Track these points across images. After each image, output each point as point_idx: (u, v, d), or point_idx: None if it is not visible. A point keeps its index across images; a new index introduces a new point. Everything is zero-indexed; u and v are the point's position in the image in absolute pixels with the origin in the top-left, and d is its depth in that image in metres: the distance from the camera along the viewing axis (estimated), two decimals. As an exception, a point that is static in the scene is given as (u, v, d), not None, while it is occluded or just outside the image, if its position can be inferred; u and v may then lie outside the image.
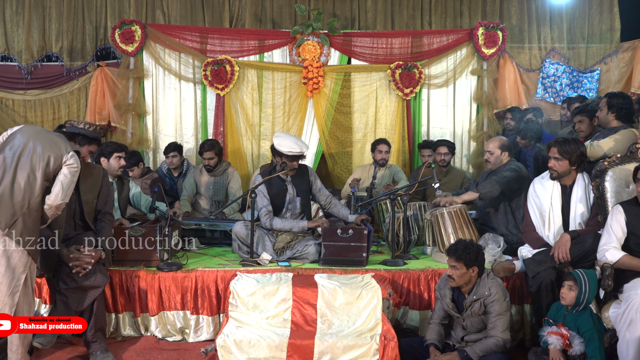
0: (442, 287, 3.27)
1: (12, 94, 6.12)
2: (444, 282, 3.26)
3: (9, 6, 6.18)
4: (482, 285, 3.13)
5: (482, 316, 3.14)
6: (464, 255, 3.07)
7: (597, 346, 2.95)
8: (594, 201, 3.52)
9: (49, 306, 3.65)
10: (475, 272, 3.12)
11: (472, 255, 3.09)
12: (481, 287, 3.13)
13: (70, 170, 2.96)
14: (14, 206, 2.81)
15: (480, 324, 3.15)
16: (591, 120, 4.27)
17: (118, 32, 5.82)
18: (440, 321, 3.27)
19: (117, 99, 5.91)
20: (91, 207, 3.48)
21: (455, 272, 3.10)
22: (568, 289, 3.09)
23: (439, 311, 3.29)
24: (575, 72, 6.30)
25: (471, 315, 3.14)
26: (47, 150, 2.93)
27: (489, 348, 3.03)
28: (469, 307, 3.13)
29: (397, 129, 6.12)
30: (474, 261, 3.10)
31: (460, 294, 3.20)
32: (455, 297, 3.23)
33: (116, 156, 4.17)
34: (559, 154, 3.52)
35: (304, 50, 5.92)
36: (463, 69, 6.15)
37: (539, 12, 6.41)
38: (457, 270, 3.09)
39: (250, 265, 3.72)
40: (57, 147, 2.97)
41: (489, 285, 3.12)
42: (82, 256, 3.20)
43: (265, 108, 6.04)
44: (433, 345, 3.16)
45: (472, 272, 3.11)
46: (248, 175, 5.88)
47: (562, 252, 3.38)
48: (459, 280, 3.11)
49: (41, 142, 2.95)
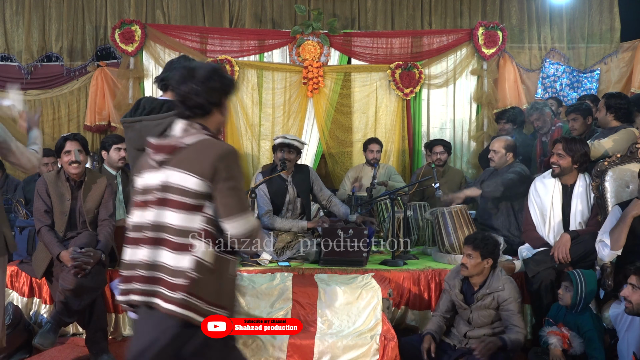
0: (452, 277, 3.29)
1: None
2: (454, 272, 3.29)
3: (9, 6, 6.18)
4: (496, 279, 3.15)
5: (491, 310, 3.15)
6: (481, 245, 3.10)
7: (597, 346, 2.96)
8: (594, 201, 3.52)
9: (49, 306, 3.65)
10: (489, 264, 3.15)
11: (490, 247, 3.12)
12: (495, 281, 3.14)
13: None
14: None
15: (487, 318, 3.15)
16: (585, 119, 4.28)
17: (118, 32, 5.81)
18: (443, 314, 3.29)
19: (117, 99, 5.91)
20: (92, 216, 3.51)
21: (470, 261, 3.12)
22: (564, 290, 3.09)
23: (444, 303, 3.31)
24: (575, 72, 6.30)
25: (480, 308, 3.15)
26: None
27: (518, 340, 3.06)
28: (480, 299, 3.14)
29: (397, 129, 6.12)
30: (490, 253, 3.12)
31: (470, 286, 3.21)
32: (464, 289, 3.24)
33: (115, 148, 4.16)
34: (563, 150, 3.53)
35: (304, 50, 5.92)
36: (463, 69, 6.15)
37: (539, 12, 6.41)
38: (471, 259, 3.11)
39: (250, 265, 3.72)
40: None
41: (503, 281, 3.15)
42: (81, 257, 3.19)
43: (265, 108, 6.04)
44: (430, 334, 3.18)
45: (487, 263, 3.14)
46: (248, 175, 5.88)
47: (562, 252, 3.38)
48: (472, 270, 3.13)
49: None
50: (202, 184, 1.80)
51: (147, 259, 1.83)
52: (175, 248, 1.81)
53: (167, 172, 1.84)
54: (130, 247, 1.90)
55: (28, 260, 3.67)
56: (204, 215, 1.83)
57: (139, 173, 1.95)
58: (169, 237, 1.82)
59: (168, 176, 1.84)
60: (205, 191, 1.81)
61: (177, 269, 1.79)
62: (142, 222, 1.88)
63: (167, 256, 1.81)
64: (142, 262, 1.84)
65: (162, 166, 1.86)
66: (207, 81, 1.89)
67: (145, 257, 1.84)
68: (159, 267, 1.82)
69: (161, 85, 2.77)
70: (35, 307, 3.72)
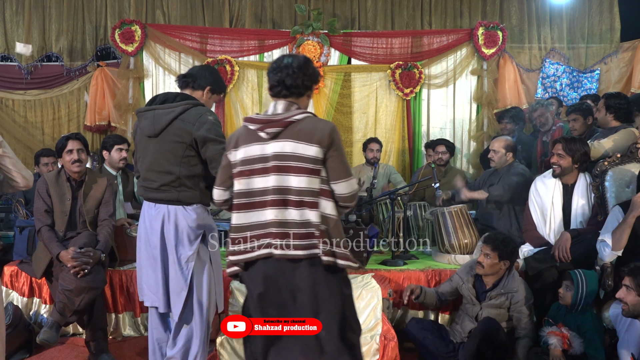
0: (465, 272, 3.32)
1: (12, 94, 6.11)
2: (468, 267, 3.32)
3: (9, 6, 6.17)
4: (511, 281, 3.18)
5: (502, 310, 3.17)
6: (501, 246, 3.12)
7: (597, 346, 2.96)
8: (595, 201, 3.52)
9: (49, 306, 3.65)
10: (505, 266, 3.17)
11: (509, 249, 3.14)
12: (510, 282, 3.17)
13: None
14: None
15: (496, 317, 3.16)
16: (585, 119, 4.28)
17: (118, 32, 5.82)
18: (440, 293, 3.36)
19: (117, 99, 5.91)
20: (92, 216, 3.51)
21: (487, 261, 3.14)
22: (565, 289, 3.10)
23: (445, 288, 3.37)
24: (575, 72, 6.30)
25: (491, 307, 3.16)
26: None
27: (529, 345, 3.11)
28: (493, 298, 3.16)
29: (397, 129, 6.12)
30: (509, 255, 3.15)
31: (482, 283, 3.23)
32: (476, 285, 3.26)
33: (117, 148, 4.17)
34: (563, 150, 3.54)
35: (304, 50, 5.92)
36: (463, 69, 6.15)
37: (539, 12, 6.41)
38: (489, 259, 3.14)
39: (251, 265, 3.71)
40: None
41: (518, 283, 3.18)
42: (81, 257, 3.20)
43: (266, 108, 6.01)
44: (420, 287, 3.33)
45: (503, 265, 3.16)
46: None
47: (562, 250, 3.39)
48: (487, 270, 3.16)
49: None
50: (320, 151, 2.10)
51: (280, 218, 2.10)
52: (301, 206, 2.09)
53: (281, 143, 2.11)
54: (243, 212, 2.15)
55: (28, 260, 3.67)
56: (322, 177, 2.13)
57: (236, 147, 2.18)
58: (295, 198, 2.09)
59: (283, 146, 2.11)
60: (322, 157, 2.11)
61: (306, 222, 2.09)
62: (259, 188, 2.13)
63: (295, 213, 2.09)
64: (273, 221, 2.11)
65: (275, 138, 2.12)
66: (303, 67, 2.18)
67: (275, 217, 2.11)
68: (299, 224, 2.09)
69: (181, 83, 2.79)
70: (35, 307, 3.72)
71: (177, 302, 2.64)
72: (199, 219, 2.65)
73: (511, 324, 3.21)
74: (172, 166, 2.61)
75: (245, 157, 2.16)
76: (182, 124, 2.58)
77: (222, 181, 2.24)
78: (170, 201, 2.64)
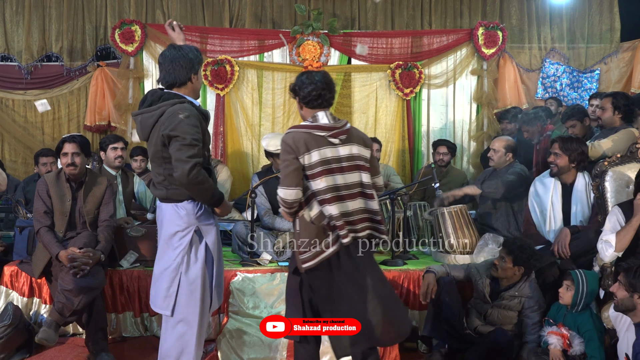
0: (484, 268, 3.32)
1: (12, 94, 6.11)
2: (488, 265, 3.31)
3: (9, 6, 6.17)
4: (527, 286, 3.19)
5: (513, 312, 3.18)
6: (517, 252, 3.12)
7: (597, 346, 2.96)
8: (594, 201, 3.52)
9: (49, 306, 3.65)
10: (520, 272, 3.18)
11: (525, 256, 3.14)
12: (525, 287, 3.18)
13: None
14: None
15: (506, 319, 3.18)
16: (582, 122, 4.29)
17: (118, 32, 5.81)
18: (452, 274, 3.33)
19: (117, 99, 5.91)
20: (92, 217, 3.51)
21: (502, 264, 3.16)
22: (565, 289, 3.10)
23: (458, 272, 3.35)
24: (575, 72, 6.31)
25: (502, 307, 3.18)
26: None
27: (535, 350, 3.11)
28: (506, 298, 3.17)
29: (397, 129, 6.12)
30: (524, 262, 3.15)
31: (497, 283, 3.25)
32: (492, 284, 3.27)
33: (112, 147, 4.16)
34: (560, 149, 3.54)
35: (304, 50, 5.92)
36: (463, 69, 6.15)
37: (539, 12, 6.41)
38: (504, 262, 3.15)
39: (250, 265, 3.71)
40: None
41: (533, 289, 3.19)
42: (80, 257, 3.19)
43: (265, 108, 6.04)
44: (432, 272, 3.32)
45: (518, 270, 3.17)
46: (248, 175, 5.88)
47: (561, 246, 3.39)
48: (501, 273, 3.18)
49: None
50: (369, 152, 2.64)
51: (363, 206, 2.55)
52: (373, 197, 2.58)
53: (350, 147, 2.56)
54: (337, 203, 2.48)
55: (28, 260, 3.67)
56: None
57: (308, 151, 2.49)
58: (367, 190, 2.57)
59: (351, 149, 2.56)
60: (369, 157, 2.64)
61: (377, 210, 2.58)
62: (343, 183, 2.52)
63: (371, 203, 2.58)
64: (360, 209, 2.54)
65: (345, 143, 2.55)
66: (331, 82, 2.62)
67: (361, 205, 2.55)
68: (372, 211, 2.57)
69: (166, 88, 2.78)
70: (35, 307, 3.72)
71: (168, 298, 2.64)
72: (189, 214, 2.65)
73: (519, 327, 3.22)
74: (158, 167, 2.65)
75: (322, 159, 2.49)
76: (160, 126, 2.59)
77: (297, 182, 2.48)
78: (162, 199, 2.67)
